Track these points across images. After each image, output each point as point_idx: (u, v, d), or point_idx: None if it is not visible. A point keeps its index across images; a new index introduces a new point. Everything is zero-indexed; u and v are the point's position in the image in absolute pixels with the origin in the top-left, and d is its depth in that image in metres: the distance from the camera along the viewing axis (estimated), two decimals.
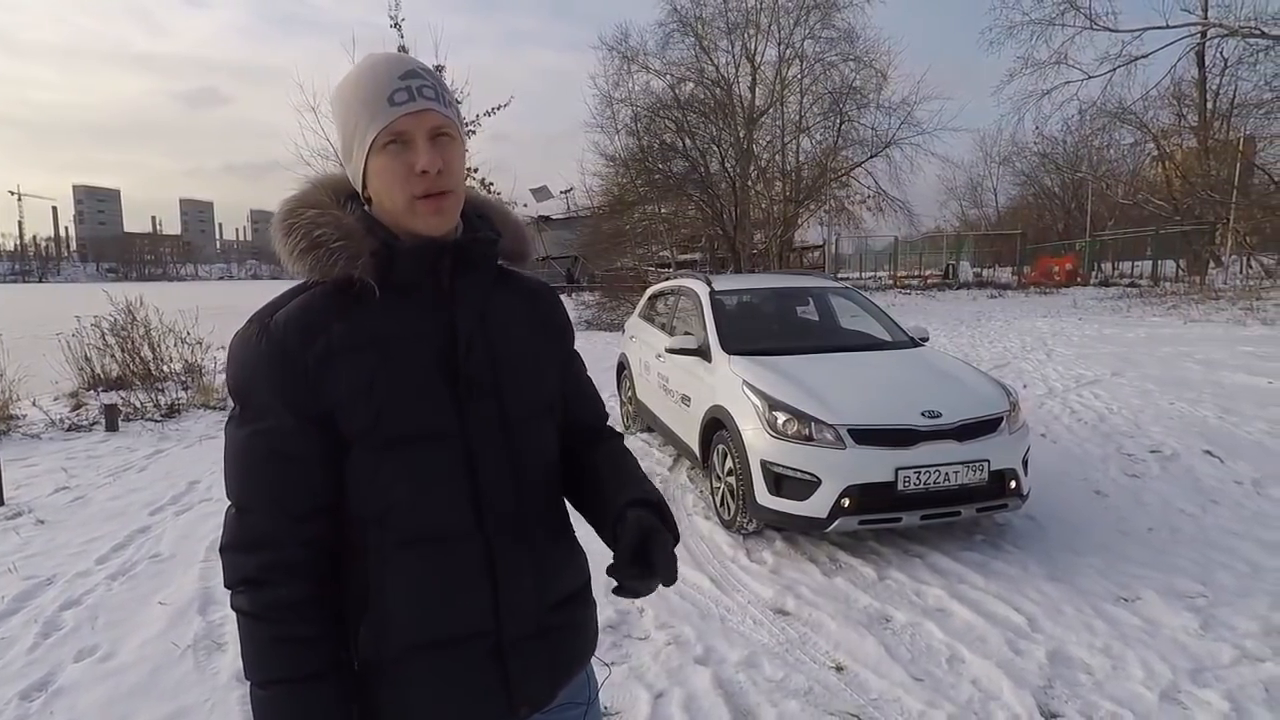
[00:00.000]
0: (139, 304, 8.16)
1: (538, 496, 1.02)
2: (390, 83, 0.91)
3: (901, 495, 3.41)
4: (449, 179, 0.92)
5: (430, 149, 0.91)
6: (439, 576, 0.94)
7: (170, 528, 4.09)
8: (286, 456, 0.90)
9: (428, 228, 0.93)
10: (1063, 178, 31.59)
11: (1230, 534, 3.74)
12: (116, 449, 5.87)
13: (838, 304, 5.46)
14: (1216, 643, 2.71)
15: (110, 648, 2.81)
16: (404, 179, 0.91)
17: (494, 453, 0.97)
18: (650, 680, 2.56)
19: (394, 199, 0.92)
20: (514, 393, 0.99)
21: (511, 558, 0.97)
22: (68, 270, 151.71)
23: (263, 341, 0.90)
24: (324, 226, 0.92)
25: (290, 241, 0.93)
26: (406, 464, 0.92)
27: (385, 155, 0.91)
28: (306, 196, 0.98)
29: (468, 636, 0.96)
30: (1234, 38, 18.51)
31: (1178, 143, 23.63)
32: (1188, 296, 15.86)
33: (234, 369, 0.92)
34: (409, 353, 0.93)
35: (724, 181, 20.30)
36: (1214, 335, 10.29)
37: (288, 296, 0.95)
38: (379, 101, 0.90)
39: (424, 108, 0.91)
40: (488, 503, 0.96)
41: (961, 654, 2.70)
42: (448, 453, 0.94)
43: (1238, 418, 5.83)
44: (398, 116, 0.90)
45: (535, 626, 1.00)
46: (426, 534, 0.94)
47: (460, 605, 0.95)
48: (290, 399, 0.89)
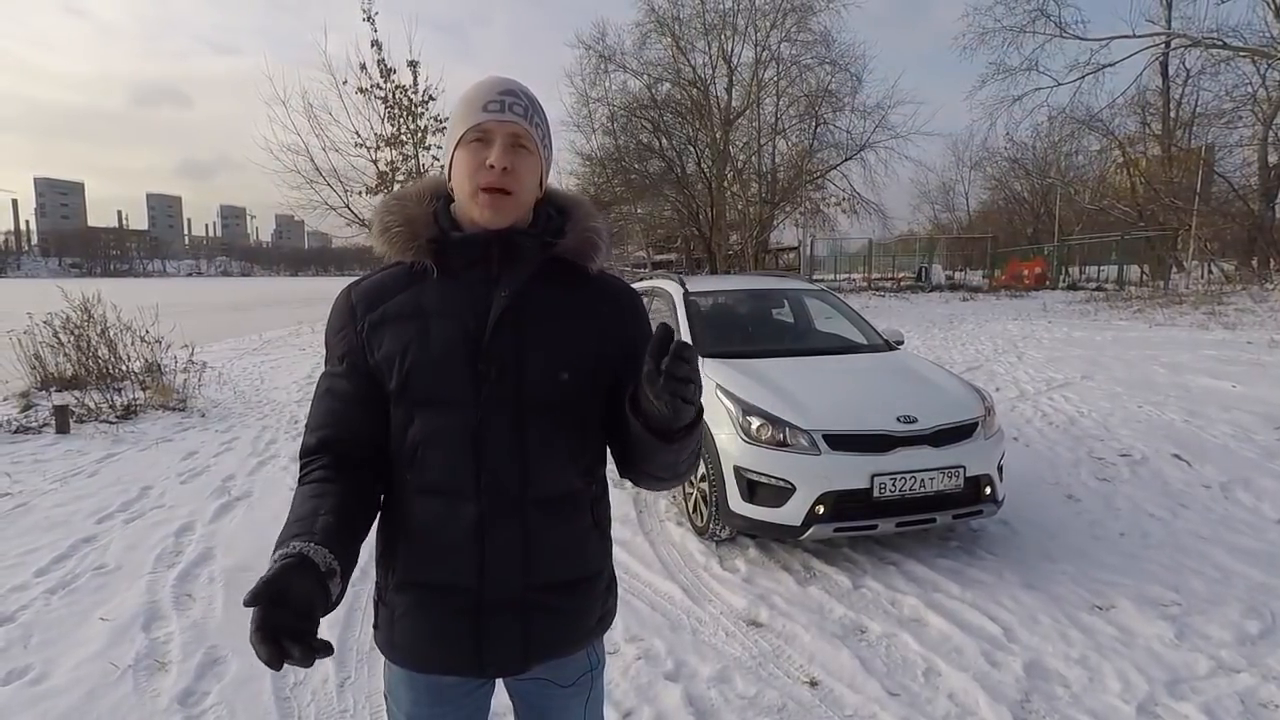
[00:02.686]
0: (96, 300, 7.86)
1: (547, 482, 1.08)
2: (488, 95, 1.05)
3: (877, 502, 3.35)
4: (513, 181, 1.04)
5: (504, 150, 1.03)
6: (438, 526, 1.06)
7: (118, 537, 3.89)
8: (338, 394, 1.09)
9: (482, 219, 1.05)
10: (1032, 183, 32.10)
11: (1200, 539, 3.75)
12: (66, 452, 5.61)
13: (813, 306, 5.41)
14: (1192, 653, 2.68)
15: (43, 669, 2.63)
16: (474, 170, 1.04)
17: (502, 430, 1.05)
18: (619, 698, 2.46)
19: (462, 187, 1.05)
20: (536, 378, 1.06)
21: (502, 529, 1.06)
22: (28, 265, 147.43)
23: (344, 303, 1.11)
24: (394, 214, 1.09)
25: (377, 228, 1.10)
26: (425, 424, 1.05)
27: (467, 149, 1.05)
28: (403, 191, 1.14)
29: (451, 587, 1.07)
30: (1197, 48, 18.94)
31: (1142, 150, 24.17)
32: (1152, 301, 16.17)
33: (328, 322, 1.13)
34: (443, 328, 1.05)
35: (700, 182, 20.31)
36: (1178, 339, 10.47)
37: (376, 271, 1.14)
38: (474, 107, 1.05)
39: (510, 119, 1.04)
40: (488, 474, 1.05)
41: (938, 666, 2.64)
42: (459, 420, 1.04)
43: (1203, 421, 5.90)
44: (484, 119, 1.04)
45: (516, 598, 1.07)
46: (435, 487, 1.06)
47: (450, 558, 1.06)
48: (348, 352, 1.09)
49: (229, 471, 5.10)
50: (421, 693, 1.14)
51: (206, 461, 5.38)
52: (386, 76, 10.96)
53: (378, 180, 10.90)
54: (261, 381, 9.29)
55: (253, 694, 2.49)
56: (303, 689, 2.53)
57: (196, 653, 2.73)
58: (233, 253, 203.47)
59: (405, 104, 10.87)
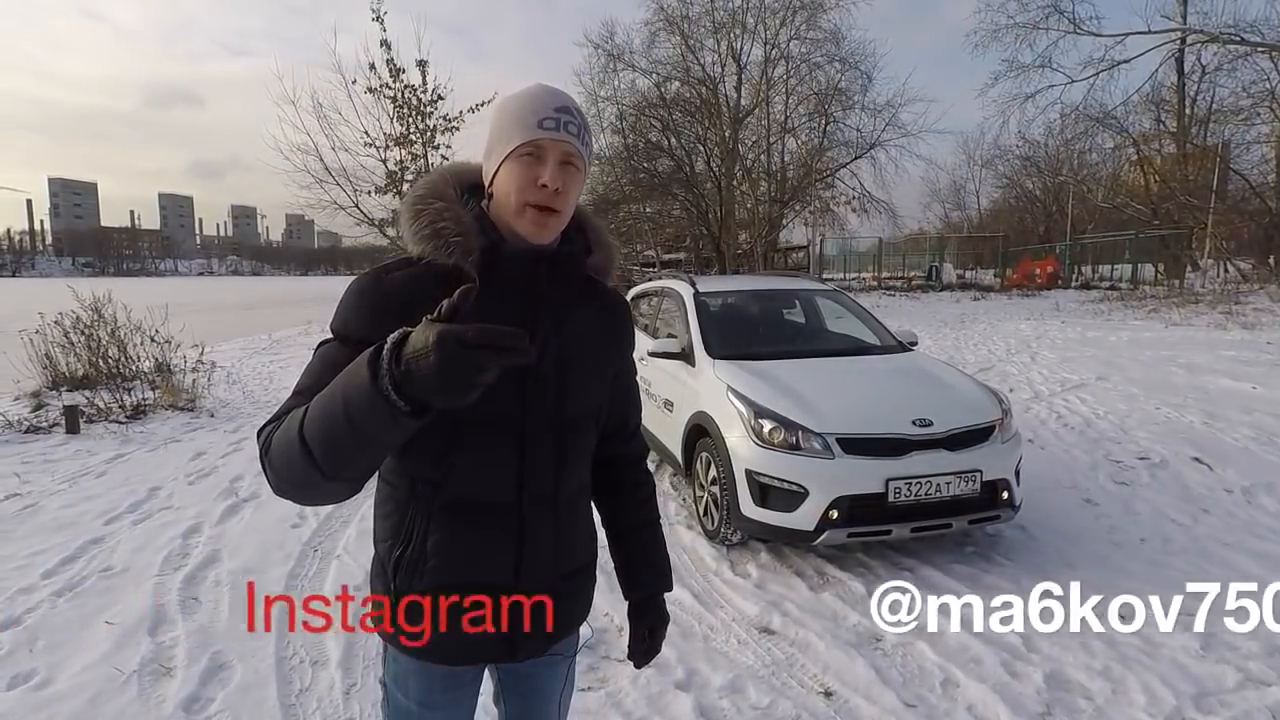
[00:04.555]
0: (106, 300, 7.87)
1: (572, 481, 1.17)
2: (545, 110, 1.04)
3: (892, 507, 3.29)
4: (562, 201, 1.05)
5: (557, 170, 1.03)
6: (475, 535, 1.09)
7: (125, 539, 3.87)
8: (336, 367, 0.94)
9: (528, 234, 1.05)
10: (1044, 181, 31.78)
11: (1223, 545, 3.66)
12: (76, 452, 5.61)
13: (825, 306, 5.34)
14: (1219, 665, 2.60)
15: (48, 673, 2.60)
16: (526, 185, 1.03)
17: (544, 443, 1.10)
18: (629, 708, 2.41)
19: (511, 199, 1.04)
20: (573, 394, 1.12)
21: (539, 529, 1.12)
22: (43, 265, 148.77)
23: (375, 290, 1.03)
24: (447, 220, 1.05)
25: (417, 225, 1.06)
26: (470, 441, 1.05)
27: (519, 162, 1.03)
28: (435, 186, 1.10)
29: (489, 586, 1.10)
30: (1213, 44, 18.68)
31: (1157, 148, 23.85)
32: (1167, 300, 15.96)
33: (346, 305, 1.04)
34: None
35: (709, 181, 20.21)
36: (1195, 339, 10.32)
37: (402, 263, 1.07)
38: (530, 121, 1.03)
39: (565, 138, 1.04)
40: (530, 483, 1.10)
41: (955, 677, 2.57)
42: (506, 437, 1.07)
43: (1224, 423, 5.79)
44: (541, 136, 1.02)
45: (547, 589, 1.15)
46: (471, 500, 1.08)
47: (487, 562, 1.10)
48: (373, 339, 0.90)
49: (237, 472, 5.08)
50: (436, 681, 1.18)
51: (214, 462, 5.37)
52: (395, 76, 10.94)
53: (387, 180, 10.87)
54: (270, 381, 9.29)
55: (258, 701, 2.45)
56: (308, 695, 2.49)
57: (202, 658, 2.70)
58: (243, 252, 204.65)
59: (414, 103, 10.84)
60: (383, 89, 10.73)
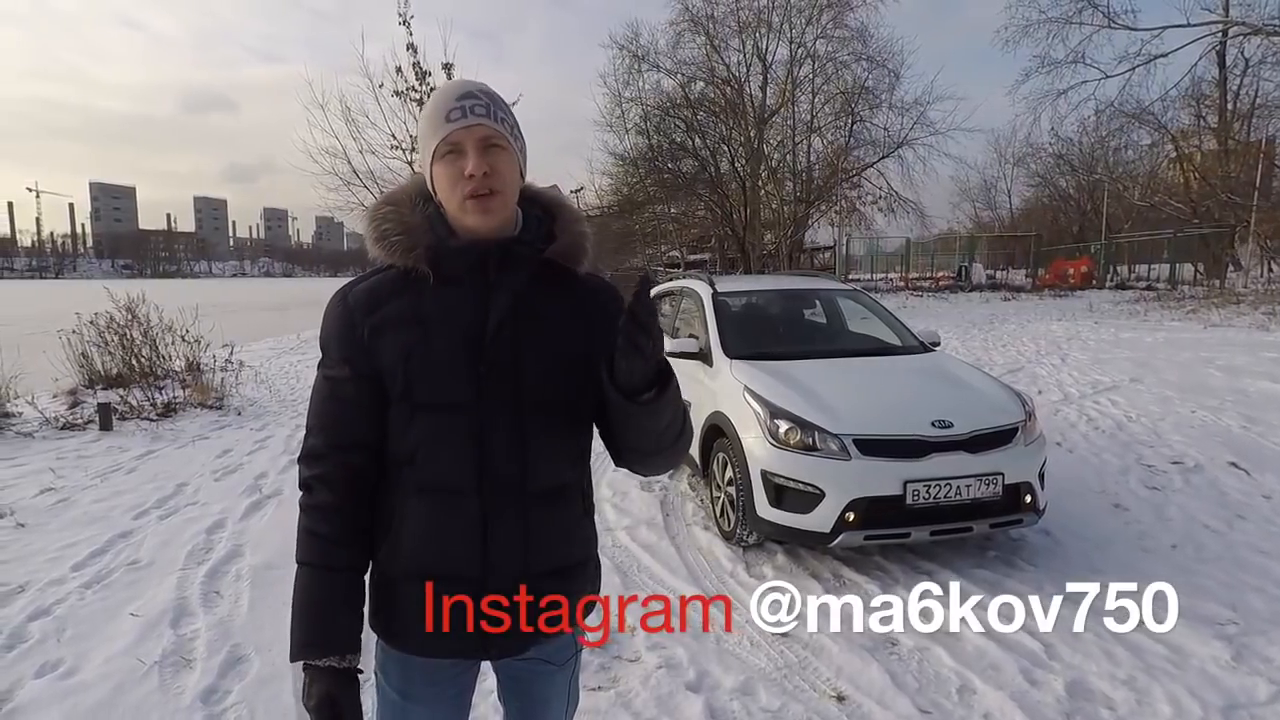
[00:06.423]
0: (141, 301, 8.08)
1: (544, 475, 1.13)
2: (449, 103, 1.06)
3: (910, 509, 3.23)
4: (496, 181, 1.06)
5: (478, 156, 1.05)
6: (442, 521, 1.10)
7: (152, 533, 3.97)
8: (340, 398, 1.12)
9: (476, 224, 1.08)
10: (1078, 179, 31.07)
11: (1260, 553, 3.53)
12: (108, 449, 5.76)
13: (846, 306, 5.27)
14: (1251, 676, 2.51)
15: (74, 662, 2.67)
16: (456, 182, 1.06)
17: (503, 428, 1.09)
18: (638, 708, 2.40)
19: (449, 200, 1.08)
20: (534, 378, 1.11)
21: (504, 522, 1.11)
22: (84, 266, 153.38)
23: (340, 307, 1.12)
24: (390, 222, 1.11)
25: (369, 230, 1.13)
26: (428, 425, 1.08)
27: (443, 163, 1.07)
28: (393, 194, 1.16)
29: (456, 577, 1.11)
30: (1257, 36, 18.11)
31: (1197, 144, 23.16)
32: (1207, 301, 15.48)
33: (323, 324, 1.14)
34: (444, 333, 1.08)
35: (734, 181, 20.11)
36: (1235, 340, 9.99)
37: (369, 274, 1.15)
38: (439, 119, 1.07)
39: (473, 123, 1.05)
40: (489, 470, 1.09)
41: (973, 684, 2.51)
42: (462, 421, 1.08)
43: (1263, 427, 5.60)
44: (451, 130, 1.05)
45: (517, 586, 1.12)
46: (437, 485, 1.09)
47: (454, 550, 1.10)
48: (349, 356, 1.10)
49: (261, 469, 5.18)
50: (415, 672, 1.19)
51: (240, 459, 5.47)
52: (422, 79, 11.10)
53: None
54: (297, 380, 9.46)
55: (273, 694, 2.49)
56: None
57: (221, 650, 2.75)
58: (275, 254, 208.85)
59: None
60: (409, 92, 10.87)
